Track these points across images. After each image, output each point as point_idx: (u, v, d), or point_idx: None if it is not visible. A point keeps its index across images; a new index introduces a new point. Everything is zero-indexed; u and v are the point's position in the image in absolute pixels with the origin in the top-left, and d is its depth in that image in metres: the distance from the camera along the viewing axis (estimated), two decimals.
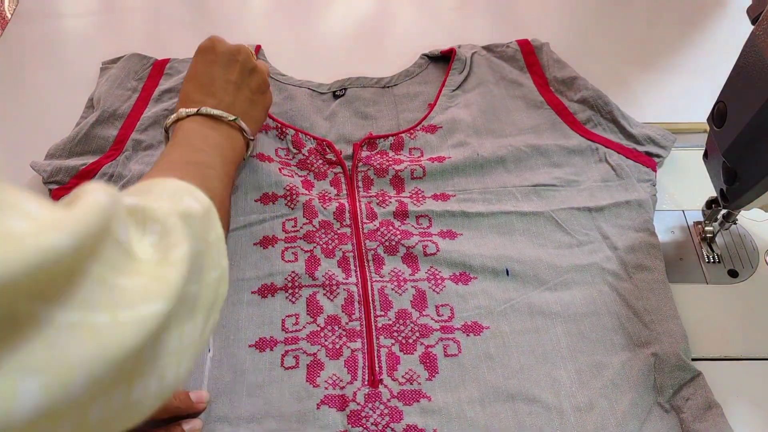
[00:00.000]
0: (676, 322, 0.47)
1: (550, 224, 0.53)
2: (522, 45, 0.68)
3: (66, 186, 0.55)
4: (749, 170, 0.43)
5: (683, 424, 0.43)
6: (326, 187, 0.56)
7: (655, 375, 0.45)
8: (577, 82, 0.62)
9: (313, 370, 0.45)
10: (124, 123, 0.60)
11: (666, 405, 0.44)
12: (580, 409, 0.43)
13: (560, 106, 0.62)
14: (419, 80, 0.66)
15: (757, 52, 0.40)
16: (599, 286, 0.50)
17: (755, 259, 0.53)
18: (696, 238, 0.54)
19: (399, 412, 0.43)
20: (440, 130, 0.60)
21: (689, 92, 0.66)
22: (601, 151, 0.58)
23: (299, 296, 0.49)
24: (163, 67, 0.66)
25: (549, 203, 0.54)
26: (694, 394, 0.44)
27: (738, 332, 0.49)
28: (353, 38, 0.75)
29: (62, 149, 0.57)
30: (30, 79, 0.69)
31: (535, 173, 0.56)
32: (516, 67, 0.66)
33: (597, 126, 0.60)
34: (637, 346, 0.46)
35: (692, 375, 0.44)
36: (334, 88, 0.65)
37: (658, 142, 0.58)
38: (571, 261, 0.51)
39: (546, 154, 0.58)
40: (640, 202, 0.54)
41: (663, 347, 0.45)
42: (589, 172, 0.57)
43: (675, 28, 0.74)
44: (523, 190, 0.55)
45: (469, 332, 0.47)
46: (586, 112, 0.61)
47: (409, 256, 0.51)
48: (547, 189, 0.55)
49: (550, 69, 0.65)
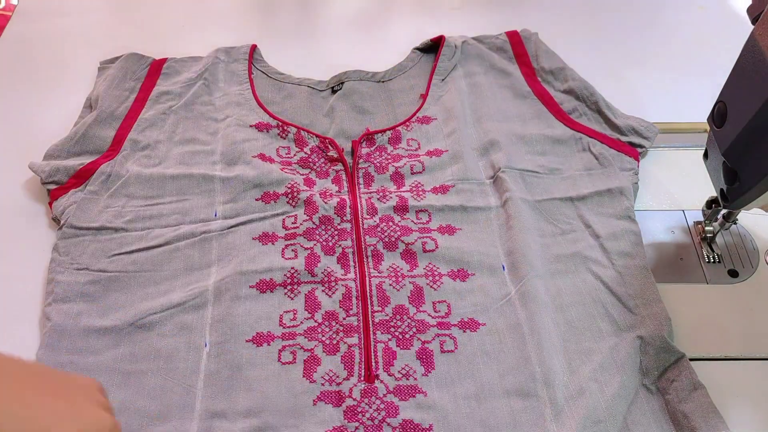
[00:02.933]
0: (660, 306, 0.48)
1: (535, 214, 0.54)
2: (510, 36, 0.69)
3: (64, 186, 0.55)
4: (749, 170, 0.42)
5: (669, 405, 0.44)
6: (328, 185, 0.56)
7: (641, 357, 0.46)
8: (564, 73, 0.64)
9: (309, 366, 0.45)
10: (122, 123, 0.60)
11: (651, 387, 0.45)
12: (573, 397, 0.44)
13: (546, 96, 0.63)
14: (413, 74, 0.67)
15: (757, 52, 0.40)
16: (583, 275, 0.50)
17: (755, 259, 0.53)
18: (696, 238, 0.54)
19: (395, 408, 0.43)
20: (435, 121, 0.61)
21: (689, 92, 0.66)
22: (584, 140, 0.59)
23: (298, 292, 0.49)
24: (160, 67, 0.66)
25: (533, 192, 0.55)
26: (679, 375, 0.44)
27: (738, 332, 0.48)
28: (350, 36, 0.75)
29: (60, 149, 0.57)
30: (29, 79, 0.69)
31: (519, 160, 0.57)
32: (504, 57, 0.67)
33: (582, 116, 0.61)
34: (623, 331, 0.47)
35: (676, 357, 0.45)
36: (332, 83, 0.65)
37: (641, 132, 0.59)
38: (555, 251, 0.52)
39: (530, 143, 0.59)
40: (622, 190, 0.55)
41: (648, 330, 0.46)
42: (572, 160, 0.58)
43: (675, 28, 0.74)
44: (512, 174, 0.56)
45: (465, 328, 0.47)
46: (571, 102, 0.62)
47: (408, 252, 0.51)
48: (531, 174, 0.56)
49: (539, 59, 0.66)
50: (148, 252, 0.51)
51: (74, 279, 0.49)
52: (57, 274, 0.50)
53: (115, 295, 0.49)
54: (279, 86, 0.65)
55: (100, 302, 0.48)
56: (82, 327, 0.47)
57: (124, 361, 0.46)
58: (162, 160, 0.58)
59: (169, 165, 0.57)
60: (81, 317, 0.47)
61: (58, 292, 0.48)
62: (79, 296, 0.48)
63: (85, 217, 0.53)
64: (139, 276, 0.50)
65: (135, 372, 0.45)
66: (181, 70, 0.66)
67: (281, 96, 0.64)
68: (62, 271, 0.50)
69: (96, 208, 0.54)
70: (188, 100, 0.63)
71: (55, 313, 0.47)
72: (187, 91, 0.63)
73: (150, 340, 0.47)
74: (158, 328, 0.47)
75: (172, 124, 0.61)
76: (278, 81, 0.66)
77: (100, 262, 0.50)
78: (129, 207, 0.54)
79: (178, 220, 0.53)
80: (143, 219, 0.53)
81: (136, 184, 0.55)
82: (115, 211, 0.54)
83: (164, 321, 0.47)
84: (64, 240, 0.52)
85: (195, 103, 0.63)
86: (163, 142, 0.59)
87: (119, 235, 0.52)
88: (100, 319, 0.47)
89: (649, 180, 0.58)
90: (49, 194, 0.55)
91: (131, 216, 0.53)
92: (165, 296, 0.49)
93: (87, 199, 0.54)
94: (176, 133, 0.60)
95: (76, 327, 0.47)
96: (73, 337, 0.46)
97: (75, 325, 0.47)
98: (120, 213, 0.53)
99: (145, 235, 0.52)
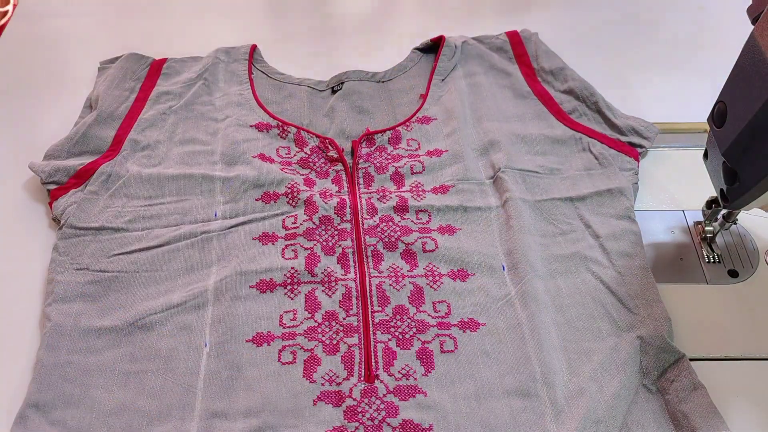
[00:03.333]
0: (660, 306, 0.48)
1: (535, 214, 0.54)
2: (510, 36, 0.69)
3: (64, 186, 0.55)
4: (749, 170, 0.42)
5: (669, 405, 0.44)
6: (328, 185, 0.56)
7: (641, 357, 0.46)
8: (564, 73, 0.64)
9: (309, 366, 0.45)
10: (122, 123, 0.60)
11: (651, 387, 0.45)
12: (573, 396, 0.44)
13: (546, 96, 0.63)
14: (412, 74, 0.67)
15: (757, 52, 0.40)
16: (583, 275, 0.50)
17: (755, 259, 0.53)
18: (696, 238, 0.54)
19: (395, 408, 0.43)
20: (435, 121, 0.61)
21: (689, 92, 0.66)
22: (584, 140, 0.59)
23: (298, 292, 0.49)
24: (160, 67, 0.66)
25: (533, 192, 0.55)
26: (679, 375, 0.44)
27: (738, 332, 0.48)
28: (351, 36, 0.75)
29: (60, 149, 0.57)
30: (29, 79, 0.69)
31: (519, 160, 0.57)
32: (504, 58, 0.67)
33: (582, 116, 0.61)
34: (623, 331, 0.47)
35: (676, 357, 0.45)
36: (332, 83, 0.65)
37: (641, 132, 0.59)
38: (555, 251, 0.52)
39: (530, 143, 0.59)
40: (622, 190, 0.55)
41: (648, 330, 0.46)
42: (572, 161, 0.58)
43: (675, 28, 0.74)
44: (512, 174, 0.56)
45: (465, 328, 0.47)
46: (571, 102, 0.62)
47: (408, 252, 0.51)
48: (531, 175, 0.56)
49: (539, 59, 0.66)
50: (148, 252, 0.51)
51: (74, 279, 0.49)
52: (57, 274, 0.50)
53: (116, 295, 0.49)
54: (279, 86, 0.65)
55: (101, 302, 0.48)
56: (82, 327, 0.47)
57: (124, 361, 0.46)
58: (162, 160, 0.58)
59: (169, 165, 0.57)
60: (81, 317, 0.47)
61: (58, 293, 0.48)
62: (79, 296, 0.48)
63: (85, 217, 0.53)
64: (139, 276, 0.50)
65: (135, 372, 0.45)
66: (181, 70, 0.66)
67: (281, 96, 0.64)
68: (62, 271, 0.50)
69: (96, 208, 0.54)
70: (188, 100, 0.63)
71: (55, 313, 0.47)
72: (187, 91, 0.63)
73: (150, 340, 0.47)
74: (158, 328, 0.47)
75: (172, 124, 0.61)
76: (278, 81, 0.66)
77: (100, 262, 0.50)
78: (129, 207, 0.54)
79: (177, 220, 0.53)
80: (143, 219, 0.53)
81: (136, 184, 0.55)
82: (115, 211, 0.53)
83: (164, 321, 0.47)
84: (64, 240, 0.52)
85: (195, 103, 0.63)
86: (163, 142, 0.59)
87: (119, 235, 0.52)
88: (100, 319, 0.47)
89: (649, 180, 0.58)
90: (49, 194, 0.55)
91: (131, 216, 0.53)
92: (165, 296, 0.49)
93: (87, 199, 0.54)
94: (176, 133, 0.60)
95: (76, 327, 0.47)
96: (73, 338, 0.46)
97: (75, 325, 0.47)
98: (120, 213, 0.53)
99: (145, 235, 0.52)
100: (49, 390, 0.44)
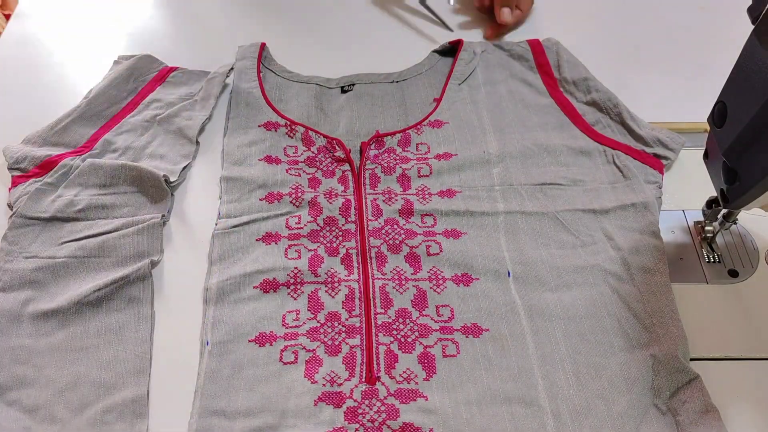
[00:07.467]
0: (677, 325, 0.47)
1: (554, 224, 0.53)
2: (532, 45, 0.67)
3: (26, 174, 0.55)
4: (749, 170, 0.42)
5: (680, 426, 0.43)
6: (333, 184, 0.56)
7: (653, 377, 0.45)
8: (588, 83, 0.62)
9: (311, 366, 0.45)
10: (106, 123, 0.60)
11: (662, 407, 0.44)
12: (578, 412, 0.43)
13: (569, 106, 0.62)
14: (428, 75, 0.66)
15: (757, 52, 0.40)
16: (600, 287, 0.49)
17: (755, 259, 0.53)
18: (696, 238, 0.54)
19: (395, 410, 0.43)
20: (447, 125, 0.60)
21: (689, 92, 0.66)
22: (608, 152, 0.58)
23: (301, 292, 0.49)
24: (167, 75, 0.65)
25: (554, 203, 0.54)
26: (692, 397, 0.43)
27: (738, 332, 0.48)
28: (360, 35, 0.74)
29: (38, 136, 0.58)
30: (30, 79, 0.69)
31: (541, 171, 0.56)
32: (526, 66, 0.66)
33: (606, 128, 0.60)
34: (636, 348, 0.46)
35: (690, 378, 0.44)
36: (342, 83, 0.65)
37: (667, 144, 0.58)
38: (573, 262, 0.51)
39: (553, 153, 0.58)
40: (646, 204, 0.54)
41: (662, 349, 0.45)
42: (596, 173, 0.57)
43: (675, 28, 0.74)
44: (530, 189, 0.55)
45: (468, 334, 0.47)
46: (595, 114, 0.61)
47: (412, 255, 0.51)
48: (553, 187, 0.55)
49: (561, 69, 0.64)
50: (97, 238, 0.52)
51: (22, 266, 0.50)
52: (5, 263, 0.50)
53: (64, 281, 0.50)
54: (288, 85, 0.65)
55: (50, 287, 0.49)
56: (30, 312, 0.48)
57: (75, 338, 0.47)
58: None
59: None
60: (29, 304, 0.48)
61: (5, 281, 0.49)
62: (27, 284, 0.49)
63: (36, 207, 0.53)
64: (88, 261, 0.51)
65: (87, 347, 0.46)
66: (186, 81, 0.65)
67: (289, 94, 0.64)
68: (11, 260, 0.50)
69: (48, 198, 0.54)
70: (172, 112, 0.61)
71: (3, 300, 0.48)
72: (177, 103, 0.62)
73: (99, 317, 0.48)
74: (105, 304, 0.48)
75: (151, 134, 0.60)
76: (286, 79, 0.66)
77: (49, 250, 0.51)
78: (82, 195, 0.54)
79: (131, 212, 0.54)
80: (95, 209, 0.54)
81: (90, 172, 0.55)
82: (67, 199, 0.54)
83: (111, 296, 0.48)
84: (14, 230, 0.52)
85: (177, 116, 0.61)
86: (133, 149, 0.58)
87: (69, 224, 0.53)
88: (48, 304, 0.48)
89: None
90: (11, 180, 0.56)
91: (83, 205, 0.54)
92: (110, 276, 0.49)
93: (41, 190, 0.54)
94: (151, 144, 0.59)
95: (24, 313, 0.48)
96: (22, 323, 0.47)
97: (22, 311, 0.48)
98: (72, 202, 0.54)
99: (96, 223, 0.53)
100: (1, 372, 0.45)
